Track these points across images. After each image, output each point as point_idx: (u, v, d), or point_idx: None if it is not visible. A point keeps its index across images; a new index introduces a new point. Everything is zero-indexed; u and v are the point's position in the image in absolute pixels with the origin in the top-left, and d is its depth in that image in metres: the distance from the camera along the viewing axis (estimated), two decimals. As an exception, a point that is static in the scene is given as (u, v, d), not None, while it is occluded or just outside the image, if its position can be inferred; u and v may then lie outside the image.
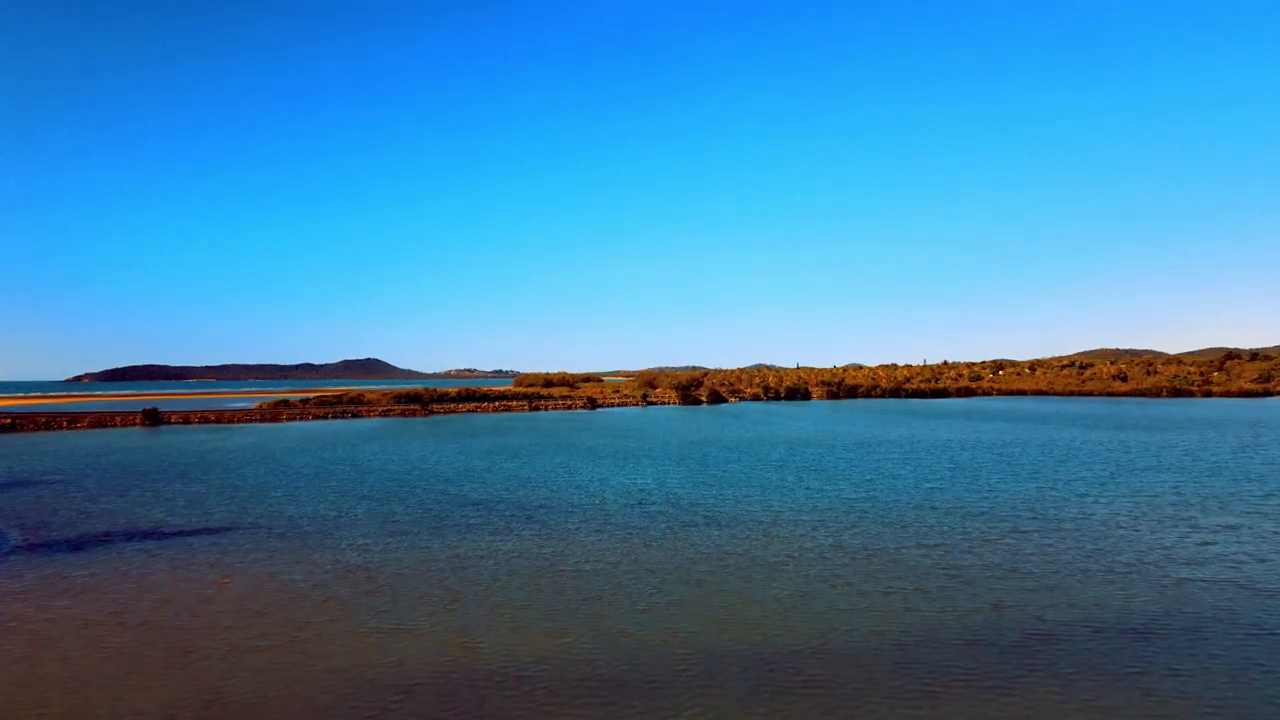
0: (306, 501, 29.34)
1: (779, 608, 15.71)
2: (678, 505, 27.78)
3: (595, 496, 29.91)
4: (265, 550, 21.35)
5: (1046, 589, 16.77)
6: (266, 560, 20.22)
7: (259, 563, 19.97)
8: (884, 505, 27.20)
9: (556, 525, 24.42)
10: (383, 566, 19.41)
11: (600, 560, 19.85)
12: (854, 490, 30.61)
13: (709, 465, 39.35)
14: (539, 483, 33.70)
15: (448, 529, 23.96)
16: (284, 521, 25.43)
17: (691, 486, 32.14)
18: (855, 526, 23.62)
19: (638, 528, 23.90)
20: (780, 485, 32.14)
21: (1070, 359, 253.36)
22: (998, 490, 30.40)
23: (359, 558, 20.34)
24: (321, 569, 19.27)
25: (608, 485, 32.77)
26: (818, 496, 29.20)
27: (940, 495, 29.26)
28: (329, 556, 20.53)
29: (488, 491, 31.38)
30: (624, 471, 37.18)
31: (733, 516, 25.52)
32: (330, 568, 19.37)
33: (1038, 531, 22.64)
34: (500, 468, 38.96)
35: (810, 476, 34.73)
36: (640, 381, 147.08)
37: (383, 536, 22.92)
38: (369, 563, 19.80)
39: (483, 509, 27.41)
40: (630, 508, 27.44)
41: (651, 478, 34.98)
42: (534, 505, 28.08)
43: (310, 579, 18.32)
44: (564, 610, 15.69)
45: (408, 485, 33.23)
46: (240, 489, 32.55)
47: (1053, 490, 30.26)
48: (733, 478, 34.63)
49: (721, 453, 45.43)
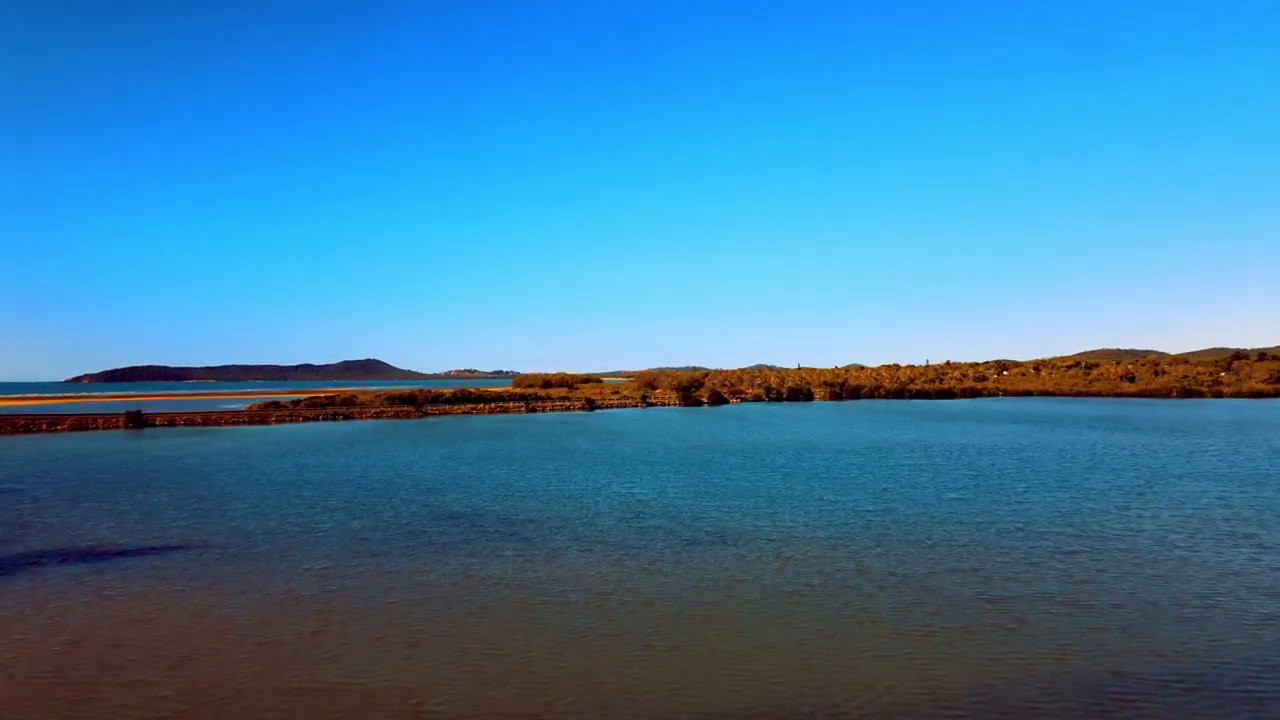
0: (272, 514, 26.77)
1: (800, 654, 13.13)
2: (678, 519, 25.21)
3: (588, 509, 27.34)
4: (211, 575, 18.78)
5: (1116, 629, 14.19)
6: (209, 588, 17.66)
7: (199, 591, 17.40)
8: (906, 520, 24.63)
9: (543, 544, 21.85)
10: (339, 597, 16.84)
11: (590, 589, 17.28)
12: (871, 502, 28.03)
13: (711, 472, 36.78)
14: (528, 492, 31.13)
15: (421, 548, 21.39)
16: (241, 539, 22.86)
17: (693, 497, 29.57)
18: (878, 546, 21.04)
19: (634, 547, 21.33)
20: (790, 496, 29.55)
21: (1073, 359, 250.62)
22: (1028, 501, 27.81)
23: (314, 586, 17.77)
24: (268, 600, 16.71)
25: (602, 495, 30.19)
26: (832, 509, 26.63)
27: (966, 508, 26.68)
28: (281, 584, 17.97)
29: (472, 503, 28.81)
30: (620, 479, 34.61)
31: (739, 533, 22.94)
32: (279, 599, 16.80)
33: (1085, 552, 20.05)
34: (488, 475, 36.39)
35: (822, 485, 32.15)
36: (640, 382, 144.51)
37: (347, 558, 20.35)
38: (324, 592, 17.23)
39: (464, 523, 24.85)
40: (626, 522, 24.87)
41: (650, 486, 32.41)
42: (520, 519, 25.52)
43: (252, 614, 15.76)
44: (542, 659, 13.12)
45: (386, 495, 30.66)
46: (204, 500, 29.99)
47: (1089, 501, 27.67)
48: (738, 487, 32.06)
49: (724, 458, 42.85)
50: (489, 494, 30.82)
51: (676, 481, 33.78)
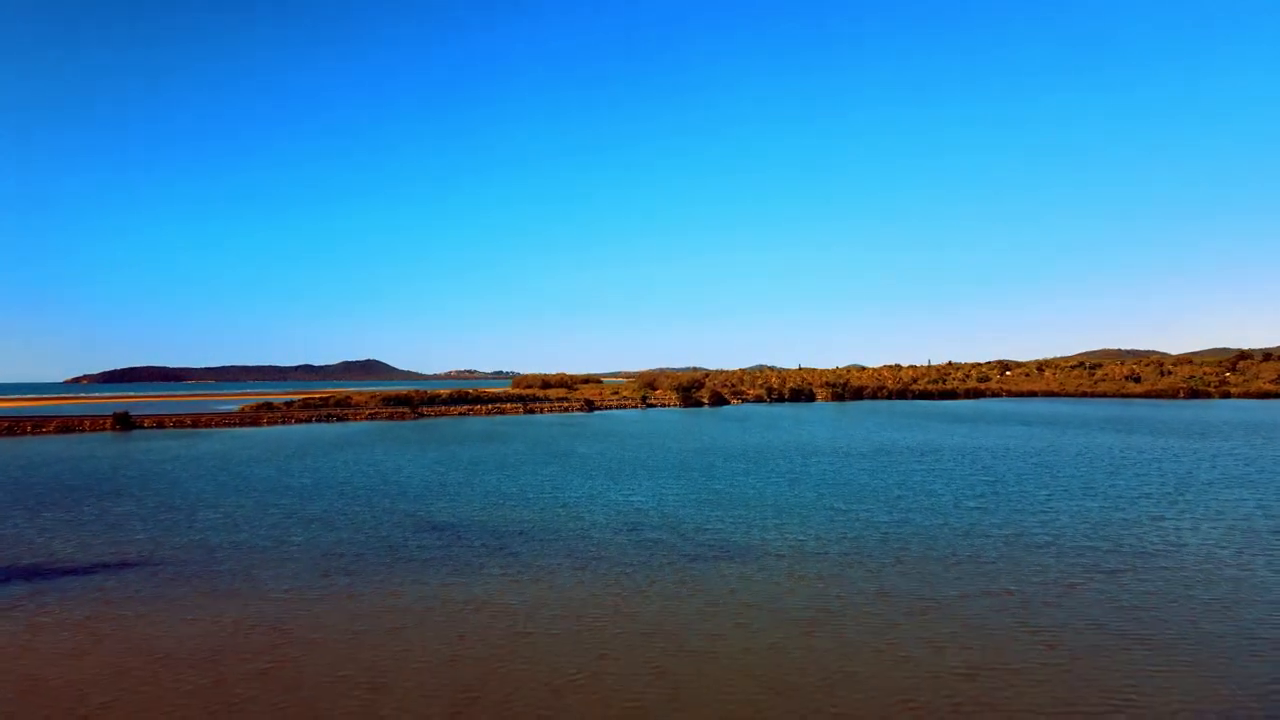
0: (243, 526, 24.93)
1: (825, 702, 11.29)
2: (679, 531, 23.37)
3: (583, 520, 25.49)
4: (162, 599, 16.94)
5: (1183, 667, 12.34)
6: (155, 615, 15.81)
7: (144, 619, 15.56)
8: (926, 532, 22.78)
9: (532, 560, 20.00)
10: (298, 626, 14.99)
11: (581, 616, 15.44)
12: (886, 511, 26.17)
13: (714, 479, 34.92)
14: (520, 501, 29.28)
15: (398, 566, 19.53)
16: (203, 555, 21.01)
17: (695, 506, 27.71)
18: (898, 563, 19.18)
19: (631, 564, 19.48)
20: (799, 505, 27.69)
21: (1075, 359, 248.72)
22: (1054, 511, 25.96)
23: (273, 612, 15.92)
24: (218, 630, 14.86)
25: (598, 504, 28.34)
26: (844, 520, 24.77)
27: (988, 518, 24.83)
28: (236, 609, 16.12)
29: (459, 512, 26.96)
30: (618, 486, 32.75)
31: (746, 547, 21.09)
32: (230, 628, 14.95)
33: (1127, 571, 18.19)
34: (479, 482, 34.54)
35: (831, 493, 30.29)
36: (640, 383, 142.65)
37: (315, 578, 18.49)
38: (283, 621, 15.38)
39: (448, 536, 23.00)
40: (623, 534, 23.03)
41: (649, 494, 30.55)
42: (510, 531, 23.67)
43: (196, 647, 13.92)
44: (523, 712, 11.27)
45: (368, 504, 28.81)
46: (174, 510, 28.14)
47: (1119, 511, 25.82)
48: (742, 494, 30.19)
49: (727, 463, 41.00)
50: (478, 503, 28.97)
51: (677, 488, 31.93)
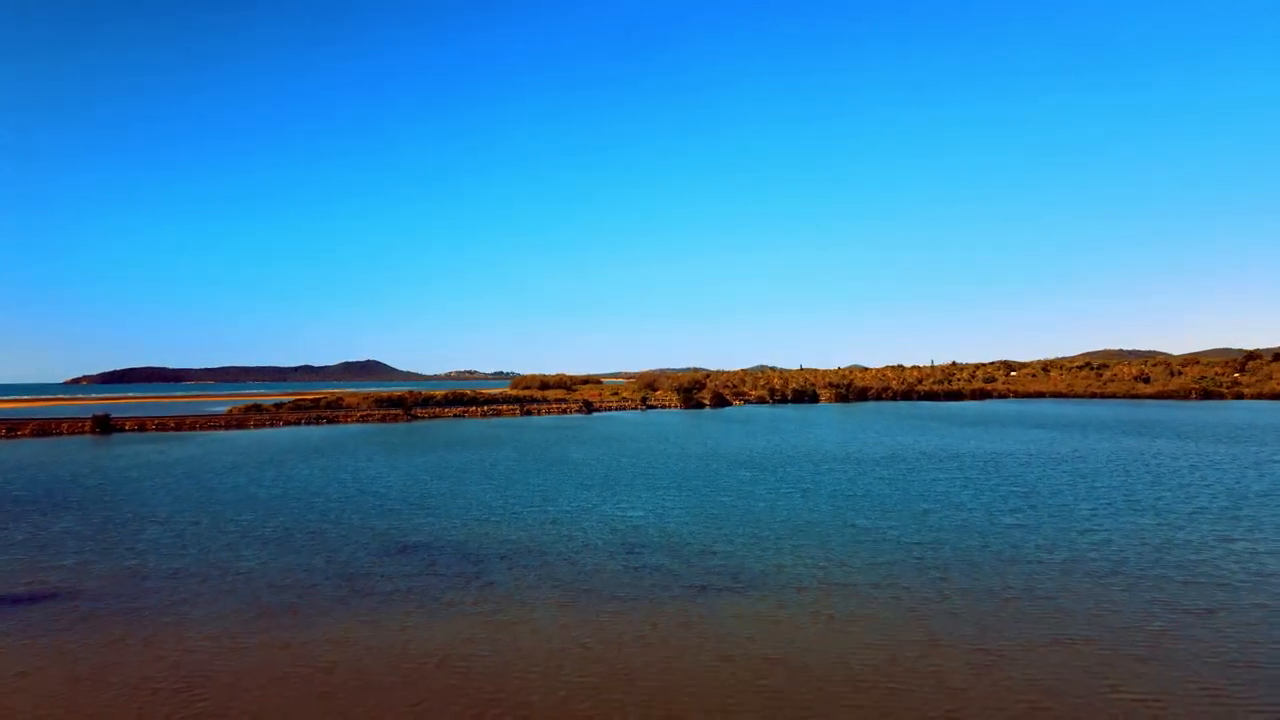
0: (190, 547, 22.10)
1: (879, 816, 8.43)
2: (683, 555, 20.51)
3: (574, 540, 22.64)
4: (72, 636, 14.10)
5: (1346, 761, 9.49)
6: (60, 656, 12.98)
7: (30, 675, 12.71)
8: (965, 555, 19.91)
9: (512, 593, 17.16)
10: (214, 685, 12.14)
11: (565, 671, 12.58)
12: (915, 530, 23.30)
13: (719, 490, 32.05)
14: (506, 517, 26.43)
15: (354, 602, 16.68)
16: (132, 585, 18.17)
17: (700, 523, 24.86)
18: (942, 598, 16.32)
19: (627, 600, 16.63)
20: (815, 522, 24.83)
21: (1080, 360, 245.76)
22: (1104, 529, 23.09)
23: (191, 664, 13.06)
24: (123, 678, 12.02)
25: (592, 521, 25.49)
26: (870, 541, 21.91)
27: (1032, 538, 21.96)
28: (148, 659, 13.26)
29: (436, 530, 24.12)
30: (614, 499, 29.88)
31: (760, 577, 18.23)
32: (131, 686, 12.09)
33: (1220, 611, 15.31)
34: (464, 494, 31.69)
35: (850, 507, 27.42)
36: (640, 383, 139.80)
37: (250, 617, 15.64)
38: (199, 675, 12.53)
39: (421, 560, 20.17)
40: (618, 558, 20.18)
41: (649, 508, 27.68)
42: (490, 554, 20.83)
43: (91, 698, 11.08)
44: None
45: (337, 520, 25.97)
46: (119, 527, 25.31)
47: (1179, 530, 22.94)
48: (751, 509, 27.32)
49: (732, 471, 38.13)
50: (459, 518, 26.12)
51: (679, 501, 29.06)
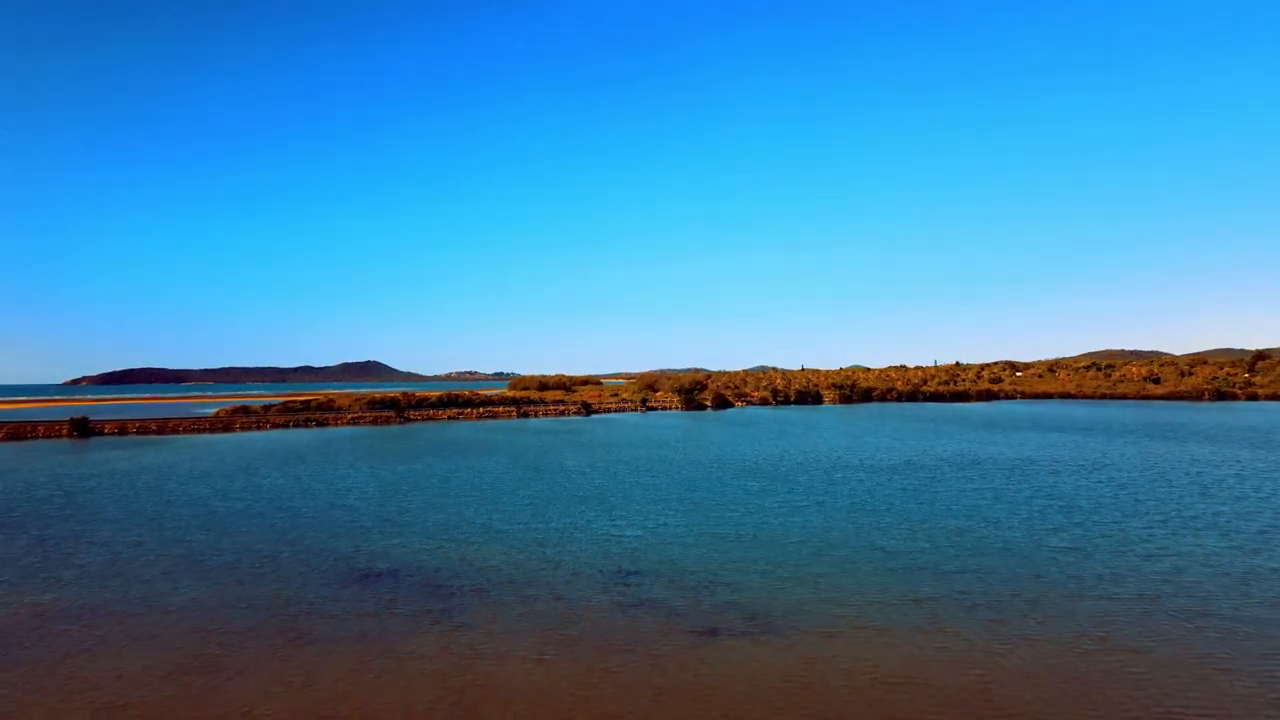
0: (123, 573, 19.27)
1: None
2: (685, 585, 17.67)
3: (562, 566, 19.79)
4: (-83, 715, 11.31)
5: None
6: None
7: None
8: (1017, 587, 17.05)
9: (482, 639, 14.32)
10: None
11: (535, 763, 9.76)
12: (952, 554, 20.42)
13: (725, 503, 29.19)
14: (487, 537, 23.59)
15: (288, 652, 13.84)
16: (38, 625, 15.35)
17: (705, 545, 22.01)
18: (1005, 648, 13.46)
19: (619, 648, 13.79)
20: (837, 544, 21.96)
21: (1081, 360, 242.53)
22: (1171, 554, 20.19)
23: (60, 749, 10.28)
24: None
25: (584, 542, 22.64)
26: (902, 568, 19.03)
27: (1090, 565, 19.08)
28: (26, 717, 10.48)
29: (407, 554, 21.29)
30: (610, 515, 27.03)
31: (778, 616, 15.38)
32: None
33: (1346, 667, 12.47)
34: (445, 508, 28.86)
35: (873, 524, 24.56)
36: (640, 384, 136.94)
37: (163, 673, 12.81)
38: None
39: (381, 593, 17.35)
40: (612, 590, 17.35)
41: (647, 526, 24.83)
42: (463, 585, 18.00)
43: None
44: None
45: (297, 540, 23.14)
46: (50, 549, 22.50)
47: (1258, 557, 20.01)
48: (763, 527, 24.48)
49: (738, 480, 35.27)
50: (436, 538, 23.29)
51: (681, 518, 26.21)
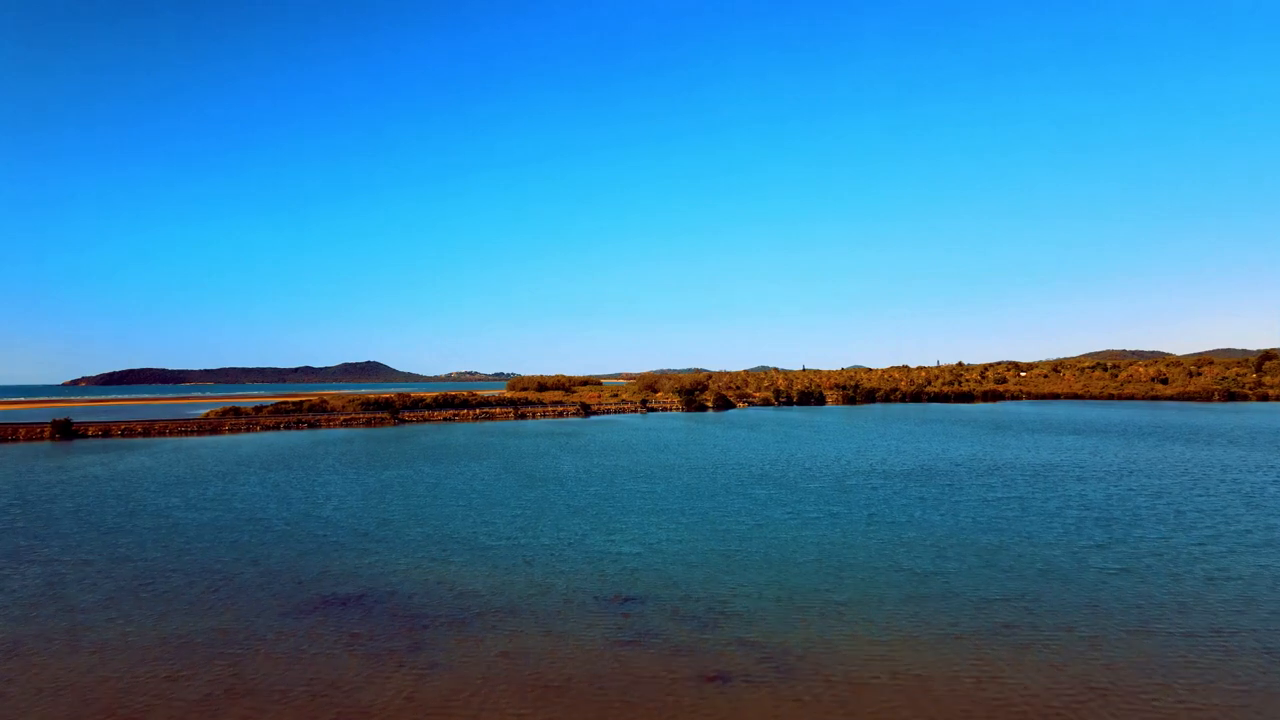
0: (54, 603, 17.10)
1: None
2: (689, 614, 15.48)
3: (551, 590, 17.60)
4: None
5: None
6: None
7: None
8: (1071, 622, 14.85)
9: (453, 687, 12.13)
10: None
11: None
12: (988, 577, 18.21)
13: (731, 515, 27.00)
14: (471, 555, 21.41)
15: (229, 701, 11.66)
16: (-68, 671, 13.20)
17: (711, 564, 19.80)
18: (1072, 707, 11.27)
19: (610, 700, 11.58)
20: (858, 564, 19.74)
21: (1085, 360, 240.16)
22: (1235, 578, 17.97)
23: None
24: None
25: (577, 560, 20.45)
26: (936, 597, 16.83)
27: (1149, 592, 16.86)
28: None
29: (379, 575, 19.10)
30: (606, 527, 24.84)
31: (799, 658, 13.18)
32: None
33: None
34: (428, 520, 26.70)
35: (895, 539, 22.35)
36: (640, 385, 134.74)
37: (62, 737, 10.65)
38: None
39: (343, 624, 15.16)
40: (605, 620, 15.16)
41: (647, 541, 22.63)
42: (439, 615, 15.82)
43: None
44: None
45: (260, 560, 20.96)
46: (-11, 567, 20.37)
47: (1329, 578, 17.85)
48: (775, 544, 22.27)
49: (744, 487, 33.08)
50: (414, 555, 21.11)
51: (684, 532, 24.02)
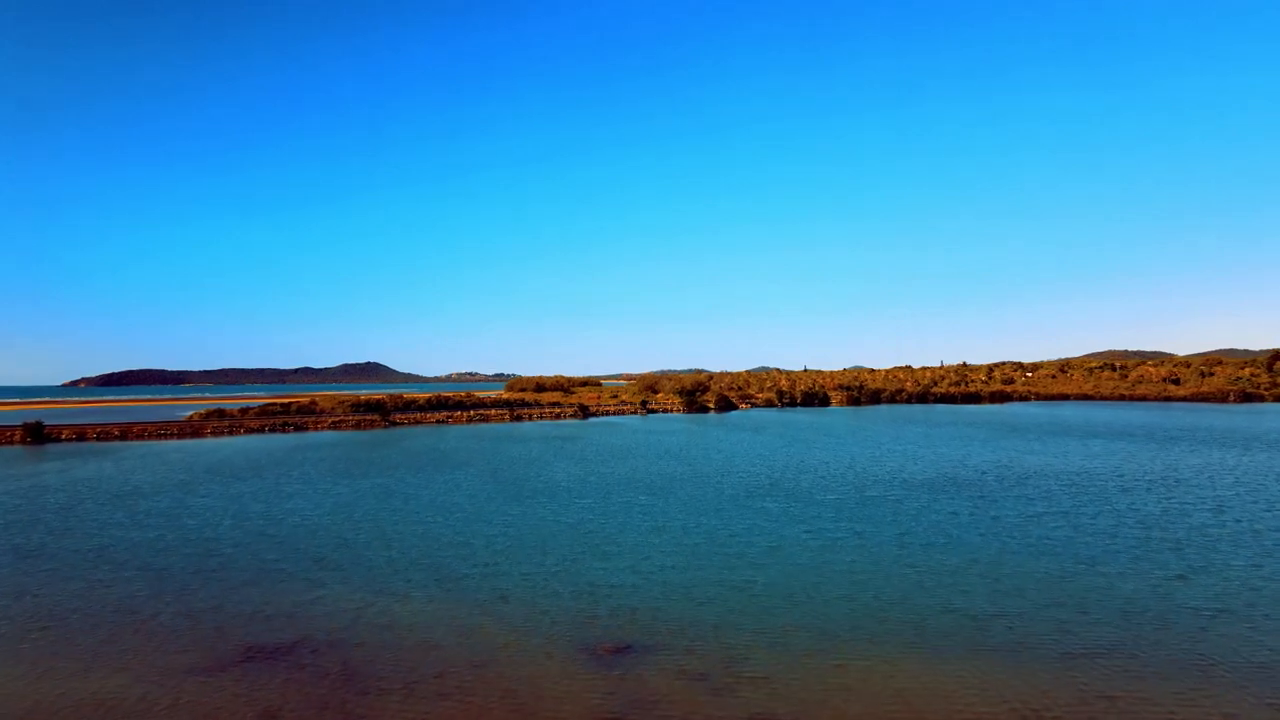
0: (-81, 653, 13.99)
1: None
2: (695, 673, 12.30)
3: (526, 639, 14.42)
4: None
5: None
6: None
7: None
8: (1178, 678, 11.67)
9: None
10: None
11: None
12: (1057, 615, 14.98)
13: (741, 535, 23.80)
14: (435, 588, 18.22)
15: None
16: None
17: (721, 601, 16.59)
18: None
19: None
20: (899, 602, 16.51)
21: (1094, 361, 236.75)
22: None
23: None
24: None
25: (562, 595, 17.24)
26: (1002, 642, 13.62)
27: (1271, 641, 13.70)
28: None
29: (323, 616, 15.93)
30: (599, 551, 21.63)
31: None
32: None
33: None
34: (395, 540, 23.53)
35: (935, 566, 19.13)
36: (641, 385, 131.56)
37: None
38: None
39: (266, 685, 12.01)
40: (590, 681, 11.99)
41: (645, 570, 19.43)
42: (387, 675, 12.66)
43: None
44: None
45: (189, 594, 17.79)
46: None
47: None
48: (793, 571, 19.06)
49: (754, 499, 29.88)
50: (370, 588, 17.93)
51: (688, 557, 20.82)
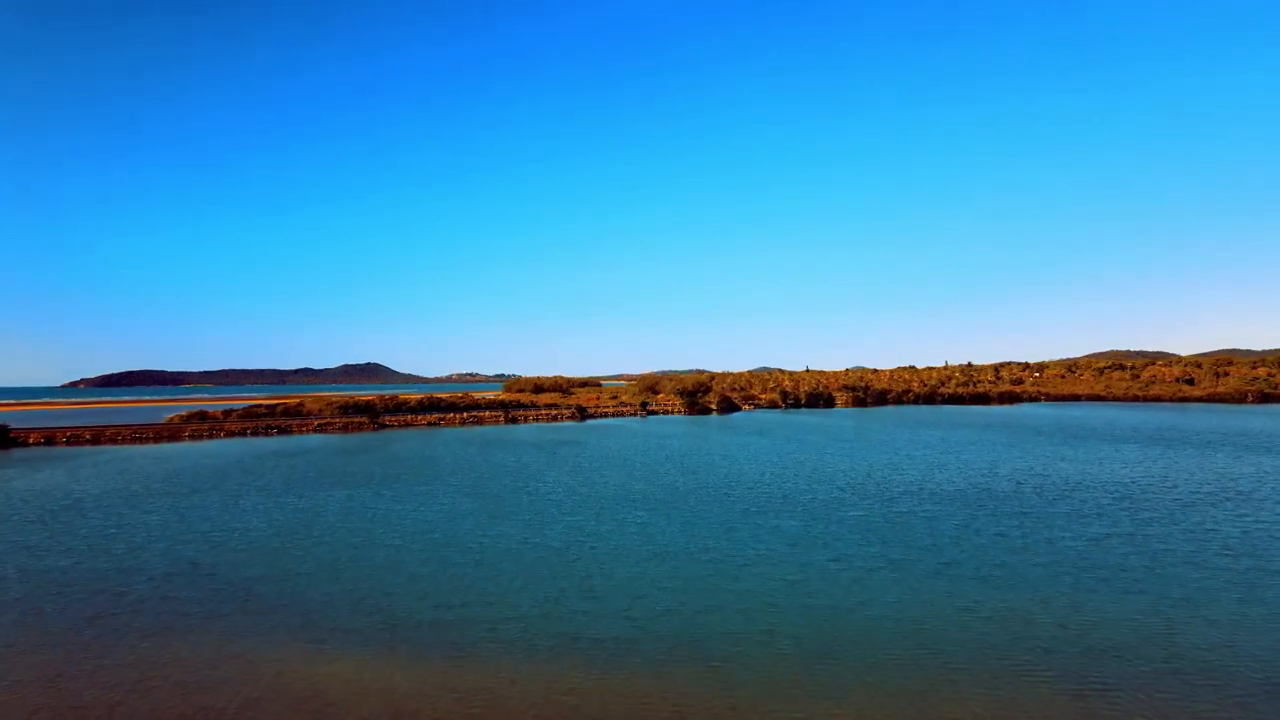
0: None
1: None
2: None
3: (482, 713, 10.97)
4: None
5: None
6: None
7: None
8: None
9: None
10: None
11: None
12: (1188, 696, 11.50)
13: (755, 564, 20.28)
14: (375, 644, 14.73)
15: None
16: None
17: (744, 660, 13.09)
18: None
19: None
20: (962, 658, 13.01)
21: (1101, 360, 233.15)
22: None
23: None
24: None
25: (532, 652, 13.76)
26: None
27: None
28: None
29: (239, 674, 12.48)
30: (584, 588, 18.11)
31: None
32: None
33: None
34: (346, 573, 20.06)
35: (995, 607, 15.62)
36: (641, 386, 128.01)
37: None
38: None
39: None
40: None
41: (640, 613, 15.95)
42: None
43: None
44: None
45: (68, 647, 14.35)
46: None
47: None
48: (824, 612, 15.56)
49: (767, 515, 26.38)
50: (294, 641, 14.46)
51: (695, 597, 17.30)
